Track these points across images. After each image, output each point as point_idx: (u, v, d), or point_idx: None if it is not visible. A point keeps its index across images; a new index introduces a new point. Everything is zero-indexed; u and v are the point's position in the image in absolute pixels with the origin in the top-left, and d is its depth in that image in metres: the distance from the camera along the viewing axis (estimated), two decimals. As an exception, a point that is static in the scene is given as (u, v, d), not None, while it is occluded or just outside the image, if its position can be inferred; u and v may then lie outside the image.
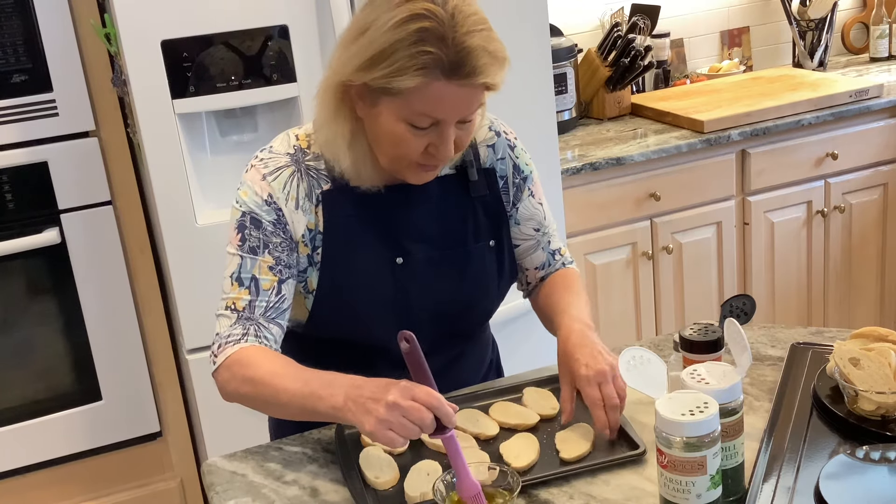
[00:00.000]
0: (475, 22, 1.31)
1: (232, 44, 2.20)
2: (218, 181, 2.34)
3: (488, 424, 1.44)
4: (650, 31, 3.13)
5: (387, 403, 1.22)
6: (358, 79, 1.33)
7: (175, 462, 2.84)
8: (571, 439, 1.39)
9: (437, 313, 1.52)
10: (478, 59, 1.30)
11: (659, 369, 1.47)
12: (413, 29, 1.28)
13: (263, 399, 1.38)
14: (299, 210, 1.46)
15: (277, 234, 1.45)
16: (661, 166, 2.80)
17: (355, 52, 1.33)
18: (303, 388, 1.32)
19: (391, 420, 1.21)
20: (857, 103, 2.97)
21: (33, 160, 2.48)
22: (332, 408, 1.29)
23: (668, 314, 2.94)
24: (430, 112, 1.33)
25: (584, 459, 1.35)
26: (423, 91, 1.30)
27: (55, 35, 2.43)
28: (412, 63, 1.28)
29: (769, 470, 1.28)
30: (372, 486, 1.33)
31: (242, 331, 1.42)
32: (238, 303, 1.44)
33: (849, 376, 1.37)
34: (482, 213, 1.55)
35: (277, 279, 1.44)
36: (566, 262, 1.68)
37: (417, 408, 1.21)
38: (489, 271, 1.56)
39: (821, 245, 3.08)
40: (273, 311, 1.45)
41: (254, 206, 1.45)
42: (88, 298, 2.60)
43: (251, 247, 1.44)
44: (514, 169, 1.58)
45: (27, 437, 2.64)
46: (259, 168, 1.47)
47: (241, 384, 1.39)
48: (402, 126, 1.35)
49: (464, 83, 1.31)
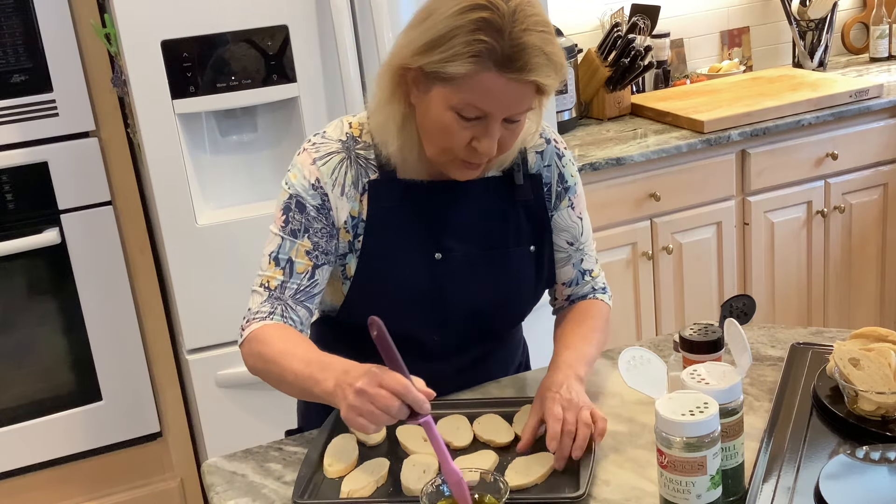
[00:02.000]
0: (536, 22, 1.32)
1: (232, 44, 2.20)
2: (218, 181, 2.34)
3: (463, 435, 1.43)
4: (650, 31, 3.13)
5: (355, 390, 1.22)
6: (415, 62, 1.35)
7: (175, 462, 2.84)
8: (523, 468, 1.34)
9: (471, 311, 1.53)
10: (531, 56, 1.31)
11: (659, 369, 1.48)
12: (473, 18, 1.30)
13: (274, 377, 1.41)
14: (344, 197, 1.47)
15: (320, 220, 1.47)
16: (661, 166, 2.80)
17: (415, 36, 1.35)
18: (304, 370, 1.34)
19: (360, 406, 1.22)
20: (857, 103, 2.97)
21: (33, 160, 2.48)
22: (324, 392, 1.30)
23: (668, 314, 2.94)
24: (478, 102, 1.33)
25: (525, 491, 1.30)
26: (474, 79, 1.31)
27: (55, 35, 2.43)
28: (467, 50, 1.30)
29: (769, 470, 1.28)
30: (324, 472, 1.36)
31: (270, 309, 1.45)
32: (271, 282, 1.47)
33: (849, 376, 1.37)
34: (525, 218, 1.55)
35: (313, 264, 1.47)
36: (596, 288, 1.66)
37: (384, 395, 1.20)
38: (526, 275, 1.56)
39: (821, 245, 3.08)
40: (303, 295, 1.47)
41: (301, 189, 1.47)
42: (88, 298, 2.60)
43: (293, 229, 1.47)
44: (559, 178, 1.58)
45: (27, 437, 2.64)
46: (311, 152, 1.49)
47: (256, 360, 1.43)
48: (450, 115, 1.36)
49: (514, 77, 1.31)
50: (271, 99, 2.27)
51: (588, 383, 1.53)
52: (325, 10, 2.23)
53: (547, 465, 1.34)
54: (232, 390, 2.37)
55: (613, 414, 1.48)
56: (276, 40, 2.23)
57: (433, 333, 1.54)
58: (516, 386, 1.63)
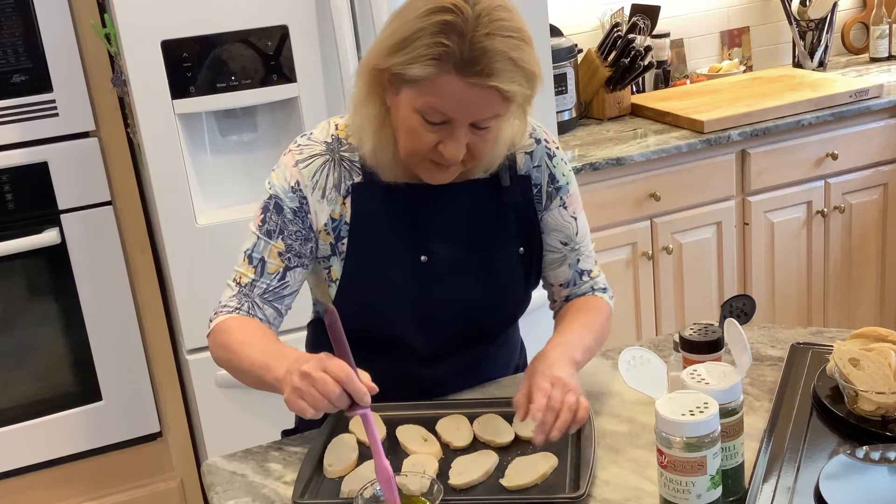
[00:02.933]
0: (503, 27, 1.31)
1: (232, 44, 2.20)
2: (218, 181, 2.34)
3: (463, 435, 1.43)
4: (650, 31, 3.13)
5: (300, 372, 1.23)
6: (383, 63, 1.35)
7: (175, 462, 2.84)
8: (524, 468, 1.33)
9: (459, 314, 1.53)
10: (492, 61, 1.30)
11: (659, 369, 1.48)
12: (436, 20, 1.30)
13: (233, 366, 1.43)
14: (324, 200, 1.48)
15: (296, 223, 1.47)
16: (661, 166, 2.80)
17: (384, 36, 1.36)
18: (259, 359, 1.36)
19: (302, 389, 1.22)
20: (857, 103, 2.97)
21: (33, 160, 2.48)
22: (275, 379, 1.31)
23: (668, 314, 2.94)
24: (439, 106, 1.33)
25: (525, 491, 1.30)
26: (434, 82, 1.31)
27: (55, 35, 2.43)
28: (427, 52, 1.30)
29: (769, 470, 1.28)
30: (324, 472, 1.37)
31: (237, 304, 1.48)
32: (243, 279, 1.49)
33: (849, 376, 1.37)
34: (513, 220, 1.54)
35: (284, 265, 1.48)
36: (596, 288, 1.64)
37: (326, 380, 1.20)
38: (516, 277, 1.56)
39: (821, 245, 3.08)
40: (271, 295, 1.48)
41: (280, 191, 1.48)
42: (88, 298, 2.60)
43: (268, 230, 1.48)
44: (550, 178, 1.57)
45: (27, 437, 2.64)
46: (294, 154, 1.50)
47: (217, 349, 1.46)
48: (416, 118, 1.36)
49: (474, 82, 1.31)
50: (271, 99, 2.27)
51: (588, 383, 1.54)
52: (325, 10, 2.23)
53: (547, 465, 1.34)
54: (232, 390, 2.37)
55: (613, 414, 1.48)
56: (276, 40, 2.23)
57: (422, 336, 1.53)
58: (516, 386, 1.62)
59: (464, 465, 1.35)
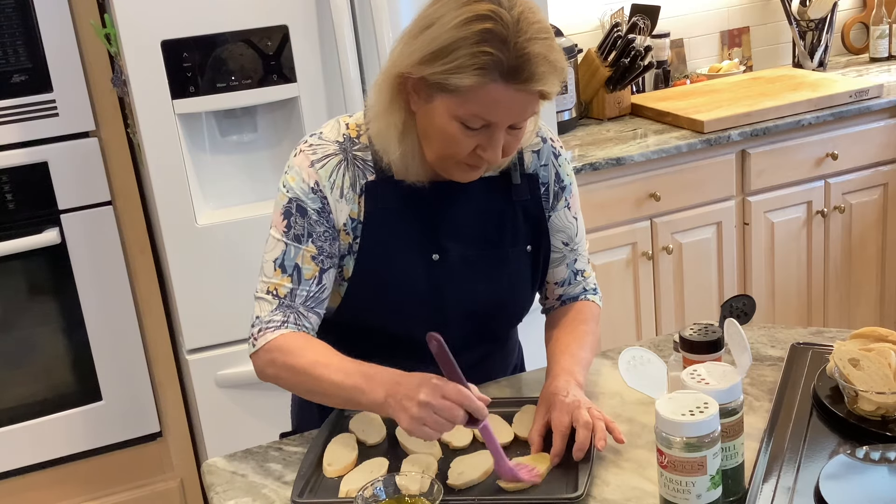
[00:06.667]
0: (539, 30, 1.32)
1: (232, 44, 2.20)
2: (218, 181, 2.34)
3: (463, 435, 1.43)
4: (650, 31, 3.13)
5: (419, 403, 1.26)
6: (417, 72, 1.34)
7: (175, 462, 2.84)
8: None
9: (469, 312, 1.53)
10: (537, 66, 1.30)
11: (659, 369, 1.48)
12: (477, 29, 1.29)
13: (305, 387, 1.43)
14: (343, 199, 1.47)
15: (321, 224, 1.46)
16: (661, 166, 2.80)
17: (418, 46, 1.34)
18: (345, 381, 1.36)
19: (424, 417, 1.26)
20: (856, 103, 2.97)
21: (33, 160, 2.48)
22: (372, 402, 1.34)
23: (668, 314, 2.94)
24: (484, 114, 1.33)
25: (525, 491, 1.30)
26: (479, 91, 1.31)
27: (55, 35, 2.43)
28: (472, 62, 1.29)
29: (769, 470, 1.28)
30: (323, 472, 1.38)
31: (283, 318, 1.45)
32: (280, 289, 1.46)
33: (849, 377, 1.37)
34: (522, 218, 1.54)
35: (319, 269, 1.46)
36: (587, 288, 1.66)
37: (449, 406, 1.26)
38: (524, 275, 1.56)
39: (821, 245, 3.08)
40: (313, 301, 1.47)
41: (300, 192, 1.46)
42: (88, 298, 2.60)
43: (296, 234, 1.46)
44: (556, 177, 1.57)
45: (27, 437, 2.64)
46: (308, 154, 1.48)
47: (281, 370, 1.43)
48: (455, 125, 1.35)
49: (520, 88, 1.31)
50: (271, 99, 2.27)
51: (588, 383, 1.54)
52: (325, 10, 2.23)
53: (547, 465, 1.34)
54: (232, 390, 2.37)
55: (613, 414, 1.48)
56: (276, 40, 2.23)
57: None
58: (514, 386, 1.63)
59: (463, 465, 1.35)
